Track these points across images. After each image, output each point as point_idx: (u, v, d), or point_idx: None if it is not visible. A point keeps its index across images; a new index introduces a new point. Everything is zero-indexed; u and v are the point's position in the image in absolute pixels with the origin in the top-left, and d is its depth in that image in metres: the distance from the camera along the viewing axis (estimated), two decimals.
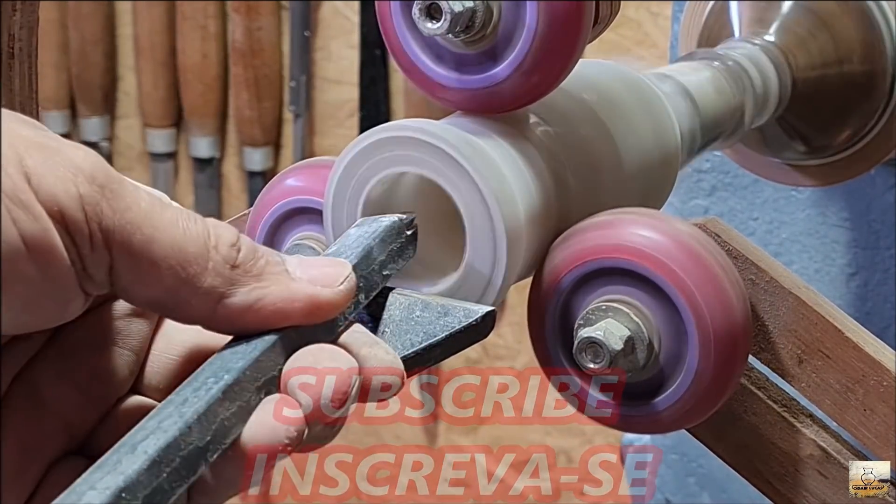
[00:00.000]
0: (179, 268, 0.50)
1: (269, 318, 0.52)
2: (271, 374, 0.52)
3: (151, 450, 0.46)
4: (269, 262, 0.52)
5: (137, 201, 0.50)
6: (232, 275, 0.51)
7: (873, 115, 1.03)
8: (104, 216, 0.49)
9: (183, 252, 0.50)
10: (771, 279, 0.73)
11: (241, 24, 2.20)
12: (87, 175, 0.49)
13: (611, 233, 0.67)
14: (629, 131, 0.77)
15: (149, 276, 0.50)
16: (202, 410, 0.48)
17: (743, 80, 0.95)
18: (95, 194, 0.49)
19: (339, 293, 0.53)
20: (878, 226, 1.17)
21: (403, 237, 0.62)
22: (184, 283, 0.50)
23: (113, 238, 0.49)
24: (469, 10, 0.65)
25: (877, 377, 0.72)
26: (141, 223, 0.49)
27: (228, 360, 0.51)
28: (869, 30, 1.02)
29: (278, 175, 0.74)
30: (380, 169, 0.66)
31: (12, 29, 0.69)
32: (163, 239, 0.50)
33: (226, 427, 0.49)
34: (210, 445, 0.48)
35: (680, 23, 1.08)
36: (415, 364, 0.58)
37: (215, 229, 0.52)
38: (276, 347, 0.52)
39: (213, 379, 0.50)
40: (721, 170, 1.21)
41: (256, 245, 0.53)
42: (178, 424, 0.48)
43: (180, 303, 0.51)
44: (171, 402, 0.49)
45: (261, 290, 0.52)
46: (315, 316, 0.53)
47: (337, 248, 0.59)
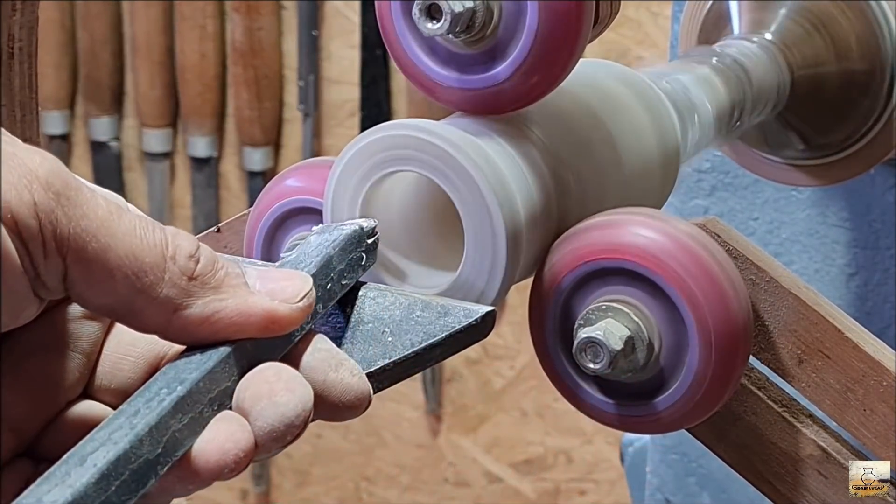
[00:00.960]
0: (135, 277, 0.50)
1: (225, 330, 0.52)
2: (225, 385, 0.51)
3: (101, 462, 0.46)
4: (229, 275, 0.52)
5: (94, 209, 0.49)
6: (189, 286, 0.51)
7: (873, 115, 1.03)
8: (59, 224, 0.48)
9: (139, 261, 0.50)
10: (771, 279, 0.73)
11: (241, 24, 2.20)
12: (42, 182, 0.48)
13: (611, 233, 0.67)
14: (629, 131, 0.77)
15: (103, 285, 0.49)
16: (154, 422, 0.48)
17: (741, 78, 0.95)
18: (50, 202, 0.48)
19: (296, 309, 0.53)
20: (878, 226, 1.17)
21: (364, 246, 0.61)
22: (139, 293, 0.50)
23: (67, 246, 0.49)
24: (469, 11, 0.65)
25: (877, 377, 0.72)
26: (96, 231, 0.49)
27: (182, 370, 0.51)
28: (868, 29, 1.02)
29: (278, 175, 0.74)
30: (379, 168, 0.66)
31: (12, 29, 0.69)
32: (119, 247, 0.49)
33: (177, 439, 0.49)
34: (160, 458, 0.48)
35: (680, 23, 1.08)
36: (415, 364, 0.58)
37: (174, 239, 0.51)
38: (230, 359, 0.51)
39: (165, 390, 0.49)
40: (721, 170, 1.21)
41: (216, 256, 0.52)
42: (129, 437, 0.47)
43: (135, 312, 0.50)
44: (123, 413, 0.49)
45: (218, 302, 0.51)
46: (271, 331, 0.52)
47: (296, 255, 0.59)
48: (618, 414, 0.70)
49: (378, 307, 0.59)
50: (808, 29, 1.02)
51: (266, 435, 0.50)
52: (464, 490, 2.27)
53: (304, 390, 0.52)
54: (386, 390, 0.58)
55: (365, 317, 0.59)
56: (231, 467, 0.50)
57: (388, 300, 0.59)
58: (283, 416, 0.50)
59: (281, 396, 0.51)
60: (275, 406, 0.50)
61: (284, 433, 0.51)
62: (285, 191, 0.72)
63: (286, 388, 0.51)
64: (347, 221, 0.62)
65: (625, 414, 0.70)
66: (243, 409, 0.51)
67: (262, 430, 0.50)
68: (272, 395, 0.51)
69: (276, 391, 0.51)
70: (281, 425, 0.50)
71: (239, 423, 0.50)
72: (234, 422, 0.50)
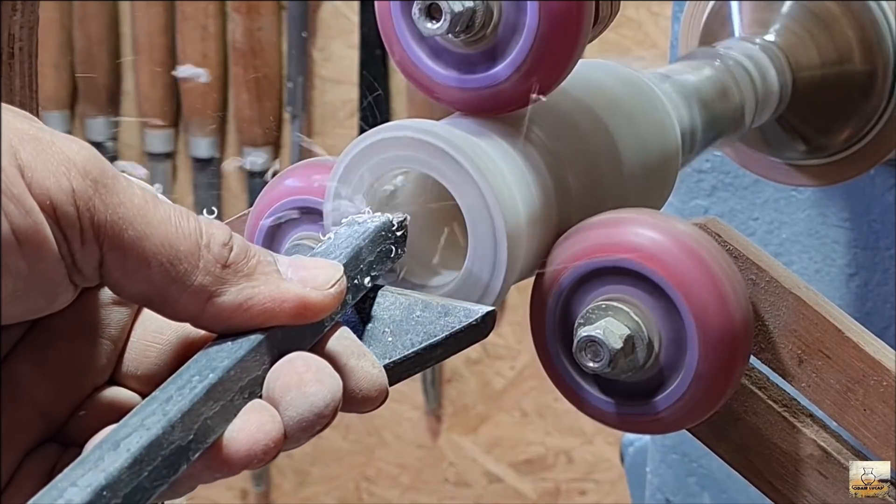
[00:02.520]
0: (170, 265, 0.50)
1: (258, 317, 0.52)
2: (256, 373, 0.51)
3: (134, 448, 0.46)
4: (261, 262, 0.52)
5: (130, 197, 0.50)
6: (222, 274, 0.51)
7: (873, 115, 1.03)
8: (96, 211, 0.49)
9: (174, 249, 0.50)
10: (771, 279, 0.73)
11: (241, 25, 2.20)
12: (80, 169, 0.49)
13: (611, 232, 0.67)
14: (629, 131, 0.77)
15: (139, 273, 0.50)
16: (186, 409, 0.48)
17: (743, 80, 0.95)
18: (88, 189, 0.49)
19: (329, 296, 0.53)
20: (878, 226, 1.17)
21: (393, 238, 0.61)
22: (173, 281, 0.50)
23: (104, 233, 0.49)
24: (469, 10, 0.65)
25: (877, 377, 0.72)
26: (133, 219, 0.49)
27: (214, 358, 0.51)
28: (869, 30, 1.02)
29: (278, 175, 0.74)
30: (380, 169, 0.66)
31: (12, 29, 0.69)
32: (154, 235, 0.50)
33: (208, 427, 0.49)
34: (192, 444, 0.48)
35: (680, 23, 1.08)
36: (415, 364, 0.58)
37: (208, 228, 0.52)
38: (261, 347, 0.52)
39: (197, 377, 0.50)
40: (721, 170, 1.21)
41: (249, 244, 0.53)
42: (162, 423, 0.47)
43: (169, 300, 0.51)
44: (156, 399, 0.49)
45: (250, 289, 0.52)
46: (303, 317, 0.53)
47: (325, 246, 0.59)
48: (618, 413, 0.70)
49: (378, 307, 0.59)
50: (809, 29, 1.02)
51: (296, 425, 0.51)
52: (464, 490, 2.27)
53: (334, 381, 0.52)
54: None
55: (365, 317, 0.59)
56: (260, 457, 0.50)
57: (388, 300, 0.59)
58: (313, 405, 0.51)
59: (311, 387, 0.51)
60: (305, 396, 0.51)
61: (314, 423, 0.51)
62: (285, 191, 0.72)
63: (316, 379, 0.51)
64: (377, 214, 0.63)
65: (625, 413, 0.70)
66: (273, 398, 0.51)
67: (292, 420, 0.51)
68: (302, 385, 0.51)
69: (306, 381, 0.51)
70: (311, 415, 0.51)
71: (269, 412, 0.51)
72: (265, 411, 0.51)
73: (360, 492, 2.33)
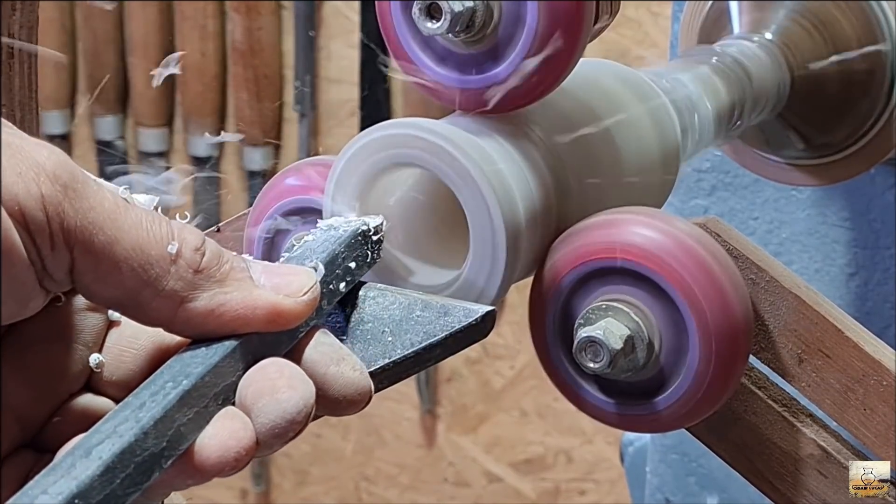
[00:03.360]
0: (141, 270, 0.50)
1: (230, 323, 0.52)
2: (230, 380, 0.51)
3: (106, 455, 0.46)
4: (234, 268, 0.52)
5: (101, 201, 0.50)
6: (194, 279, 0.51)
7: (873, 115, 1.03)
8: (66, 216, 0.49)
9: (145, 254, 0.50)
10: (771, 279, 0.73)
11: (240, 24, 2.20)
12: (49, 174, 0.48)
13: (611, 232, 0.67)
14: (629, 131, 0.77)
15: (110, 277, 0.50)
16: (159, 416, 0.48)
17: (741, 78, 0.95)
18: (58, 194, 0.48)
19: (301, 303, 0.53)
20: (878, 226, 1.17)
21: (369, 243, 0.61)
22: (145, 285, 0.50)
23: (74, 238, 0.49)
24: (469, 10, 0.65)
25: (877, 377, 0.72)
26: (103, 224, 0.49)
27: (188, 364, 0.51)
28: (868, 29, 1.02)
29: (277, 175, 0.74)
30: (380, 167, 0.66)
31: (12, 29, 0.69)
32: (125, 240, 0.50)
33: (181, 434, 0.49)
34: (165, 452, 0.48)
35: (680, 23, 1.08)
36: (415, 364, 0.58)
37: (180, 232, 0.51)
38: (235, 354, 0.52)
39: (171, 384, 0.50)
40: (721, 170, 1.21)
41: (222, 250, 0.53)
42: (135, 430, 0.47)
43: (141, 304, 0.51)
44: (129, 406, 0.49)
45: (223, 295, 0.52)
46: (276, 324, 0.53)
47: (301, 251, 0.59)
48: (618, 413, 0.70)
49: (378, 307, 0.59)
50: (808, 29, 1.02)
51: (268, 431, 0.51)
52: (464, 490, 2.27)
53: (306, 387, 0.52)
54: (386, 390, 0.58)
55: (365, 317, 0.59)
56: (232, 464, 0.50)
57: (388, 300, 0.59)
58: (285, 412, 0.51)
59: (283, 393, 0.51)
60: (277, 403, 0.51)
61: (286, 430, 0.51)
62: (285, 190, 0.72)
63: (288, 385, 0.51)
64: (353, 218, 0.62)
65: (625, 413, 0.69)
66: (246, 405, 0.51)
67: (264, 427, 0.51)
68: (274, 391, 0.51)
69: (279, 388, 0.51)
70: (283, 422, 0.51)
71: (241, 420, 0.51)
72: (237, 419, 0.51)
73: (359, 492, 2.33)
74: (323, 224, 0.62)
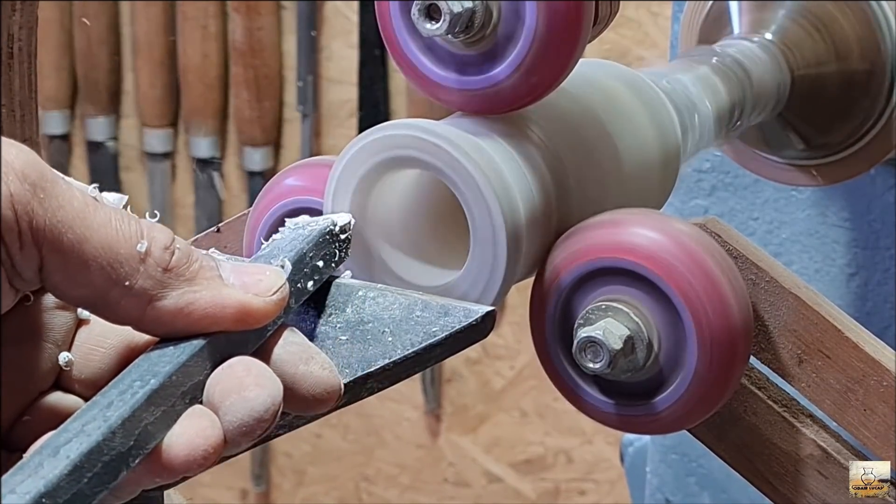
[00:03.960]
0: (110, 268, 0.50)
1: (199, 322, 0.52)
2: (197, 378, 0.51)
3: (74, 454, 0.46)
4: (203, 267, 0.52)
5: (70, 200, 0.50)
6: (163, 278, 0.51)
7: (873, 115, 1.03)
8: (35, 215, 0.49)
9: (114, 252, 0.50)
10: (771, 279, 0.73)
11: (241, 24, 2.20)
12: (18, 173, 0.48)
13: (611, 232, 0.67)
14: (629, 131, 0.77)
15: (79, 276, 0.50)
16: (127, 415, 0.48)
17: (741, 78, 0.95)
18: (26, 193, 0.48)
19: (270, 302, 0.53)
20: (878, 226, 1.17)
21: (337, 242, 0.61)
22: (114, 284, 0.50)
23: (43, 237, 0.49)
24: (468, 11, 0.65)
25: (877, 377, 0.72)
26: (72, 222, 0.49)
27: (156, 363, 0.51)
28: (869, 29, 1.02)
29: (277, 175, 0.74)
30: (380, 168, 0.66)
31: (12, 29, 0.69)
32: (94, 239, 0.50)
33: (149, 433, 0.49)
34: (132, 451, 0.48)
35: (680, 23, 1.08)
36: (415, 364, 0.58)
37: (150, 231, 0.51)
38: (203, 353, 0.52)
39: (139, 382, 0.50)
40: (721, 170, 1.21)
41: (192, 249, 0.53)
42: (102, 429, 0.47)
43: (110, 303, 0.51)
44: (96, 404, 0.49)
45: (192, 294, 0.52)
46: (245, 323, 0.53)
47: (269, 250, 0.59)
48: (617, 414, 0.70)
49: (378, 307, 0.59)
50: (809, 29, 1.02)
51: (235, 430, 0.51)
52: (464, 490, 2.27)
53: (274, 385, 0.52)
54: (386, 390, 0.58)
55: (365, 317, 0.59)
56: (199, 462, 0.50)
57: (388, 300, 0.59)
58: (253, 410, 0.51)
59: (250, 391, 0.51)
60: (244, 401, 0.51)
61: (254, 428, 0.51)
62: (285, 191, 0.72)
63: (256, 384, 0.51)
64: (321, 217, 0.63)
65: (624, 414, 0.70)
66: (213, 403, 0.51)
67: (232, 425, 0.51)
68: (242, 389, 0.51)
69: (246, 386, 0.51)
70: (250, 420, 0.51)
71: (209, 418, 0.51)
72: (205, 417, 0.51)
73: (359, 492, 2.33)
74: (290, 223, 0.62)
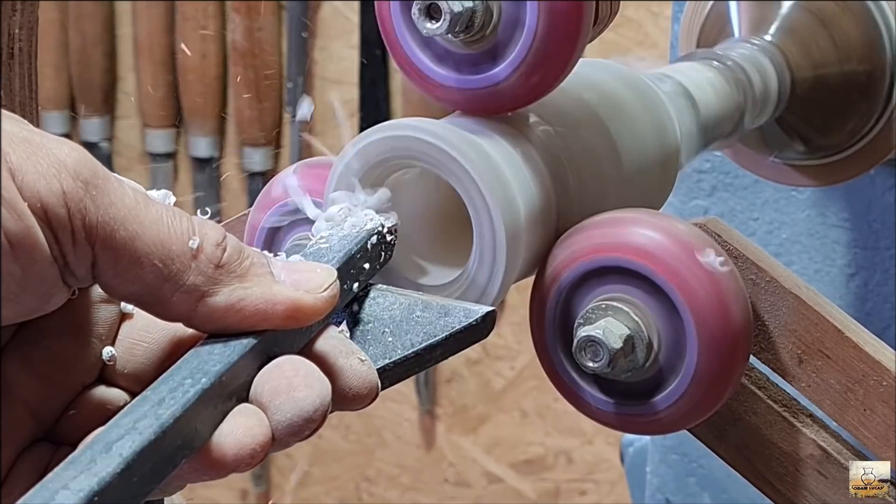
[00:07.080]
0: (162, 265, 0.50)
1: (250, 319, 0.52)
2: (245, 378, 0.51)
3: (126, 452, 0.46)
4: (254, 264, 0.52)
5: (122, 197, 0.50)
6: (215, 274, 0.51)
7: (873, 116, 1.03)
8: (88, 212, 0.49)
9: (166, 249, 0.50)
10: (771, 279, 0.73)
11: (241, 25, 2.20)
12: (71, 171, 0.49)
13: (611, 232, 0.67)
14: (629, 131, 0.77)
15: (131, 273, 0.50)
16: (179, 414, 0.48)
17: (742, 81, 0.95)
18: (79, 190, 0.49)
19: (321, 300, 0.53)
20: (878, 226, 1.17)
21: (384, 243, 0.62)
22: (166, 281, 0.50)
23: (96, 234, 0.49)
24: (469, 11, 0.65)
25: (877, 377, 0.72)
26: (124, 219, 0.50)
27: (206, 360, 0.51)
28: (869, 30, 1.02)
29: (278, 175, 0.74)
30: (380, 168, 0.66)
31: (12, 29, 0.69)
32: (146, 235, 0.50)
33: (197, 432, 0.49)
34: (181, 449, 0.48)
35: (680, 23, 1.08)
36: (415, 364, 0.58)
37: (201, 227, 0.52)
38: (252, 352, 0.52)
39: (190, 381, 0.50)
40: (721, 170, 1.21)
41: (242, 245, 0.53)
42: (154, 428, 0.47)
43: (162, 299, 0.51)
44: (147, 400, 0.49)
45: (243, 290, 0.52)
46: (295, 321, 0.53)
47: (317, 249, 0.59)
48: (617, 414, 0.70)
49: (378, 307, 0.59)
50: (809, 30, 1.02)
51: (284, 429, 0.51)
52: (464, 490, 2.27)
53: (323, 385, 0.52)
54: (387, 390, 0.58)
55: (365, 317, 0.59)
56: (248, 461, 0.50)
57: (388, 300, 0.59)
58: (302, 410, 0.51)
59: (300, 391, 0.51)
60: (293, 401, 0.51)
61: (302, 428, 0.51)
62: (285, 191, 0.72)
63: (305, 384, 0.51)
64: (369, 218, 0.63)
65: (624, 414, 0.70)
66: (262, 402, 0.51)
67: (281, 425, 0.51)
68: (291, 389, 0.51)
69: (296, 385, 0.51)
70: (300, 420, 0.51)
71: (257, 416, 0.51)
72: (253, 416, 0.51)
73: (359, 492, 2.33)
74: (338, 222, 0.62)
